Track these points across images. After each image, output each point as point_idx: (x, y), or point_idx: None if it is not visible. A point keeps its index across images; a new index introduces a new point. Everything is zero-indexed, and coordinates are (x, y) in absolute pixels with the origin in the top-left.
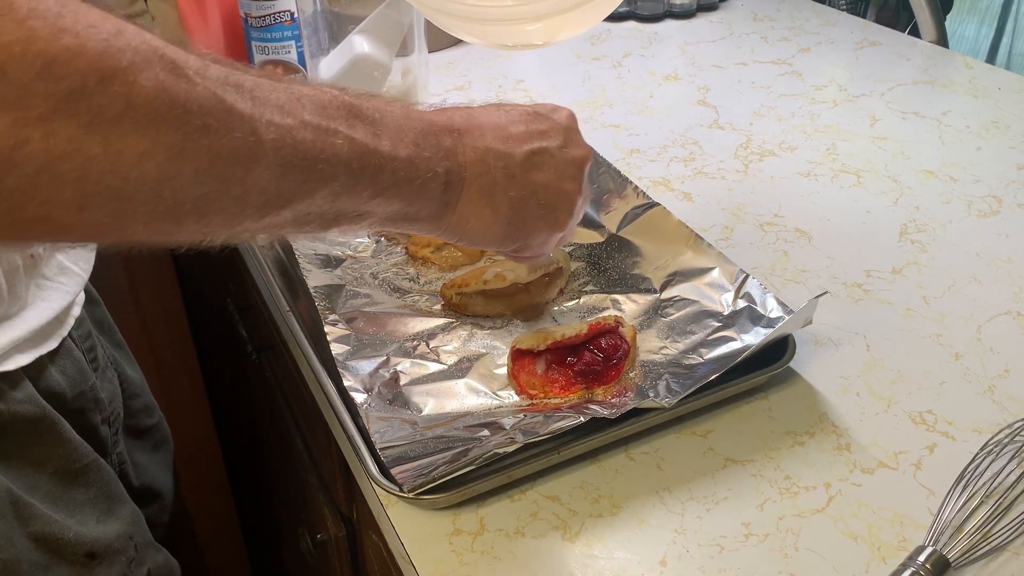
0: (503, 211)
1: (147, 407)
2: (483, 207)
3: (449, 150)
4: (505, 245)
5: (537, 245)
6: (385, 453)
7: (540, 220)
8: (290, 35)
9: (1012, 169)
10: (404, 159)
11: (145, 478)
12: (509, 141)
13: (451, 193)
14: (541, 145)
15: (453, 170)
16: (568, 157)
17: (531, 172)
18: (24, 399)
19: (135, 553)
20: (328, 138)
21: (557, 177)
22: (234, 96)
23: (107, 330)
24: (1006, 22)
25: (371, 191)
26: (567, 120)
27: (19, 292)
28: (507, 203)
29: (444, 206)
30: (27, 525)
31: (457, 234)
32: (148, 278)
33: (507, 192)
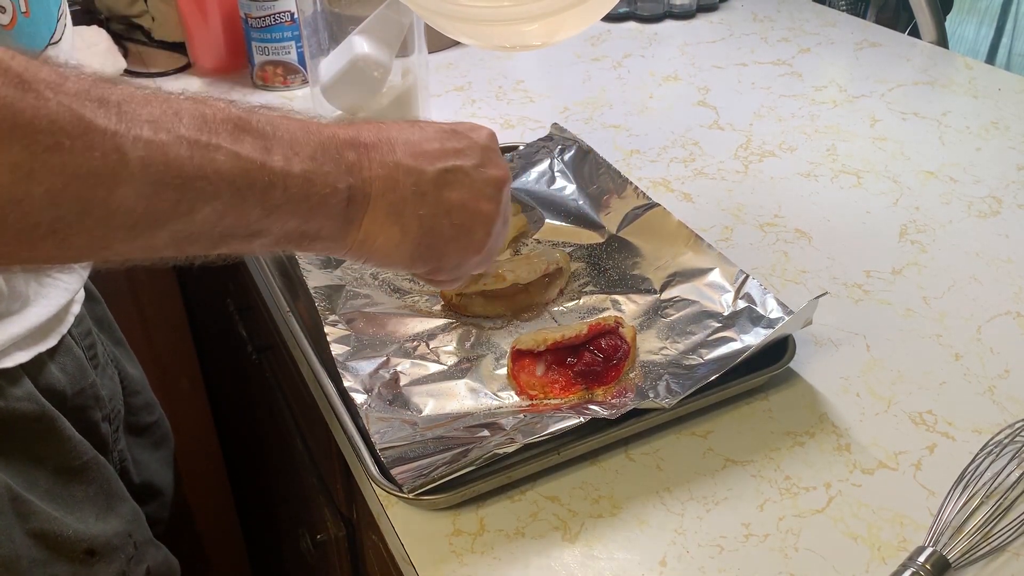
0: (412, 230)
1: (147, 404)
2: (390, 226)
3: (352, 164)
4: (416, 267)
5: (452, 268)
6: (385, 454)
7: (453, 241)
8: (290, 35)
9: (1012, 169)
10: (299, 174)
11: (145, 475)
12: (421, 158)
13: (354, 210)
14: (455, 163)
15: (356, 186)
16: (485, 177)
17: (443, 190)
18: (24, 396)
19: (134, 550)
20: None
21: (472, 196)
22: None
23: (107, 328)
24: (1006, 22)
25: (261, 209)
26: (486, 140)
27: (19, 289)
28: (417, 222)
29: (347, 224)
30: (26, 522)
31: (363, 254)
32: (148, 278)
33: (417, 210)
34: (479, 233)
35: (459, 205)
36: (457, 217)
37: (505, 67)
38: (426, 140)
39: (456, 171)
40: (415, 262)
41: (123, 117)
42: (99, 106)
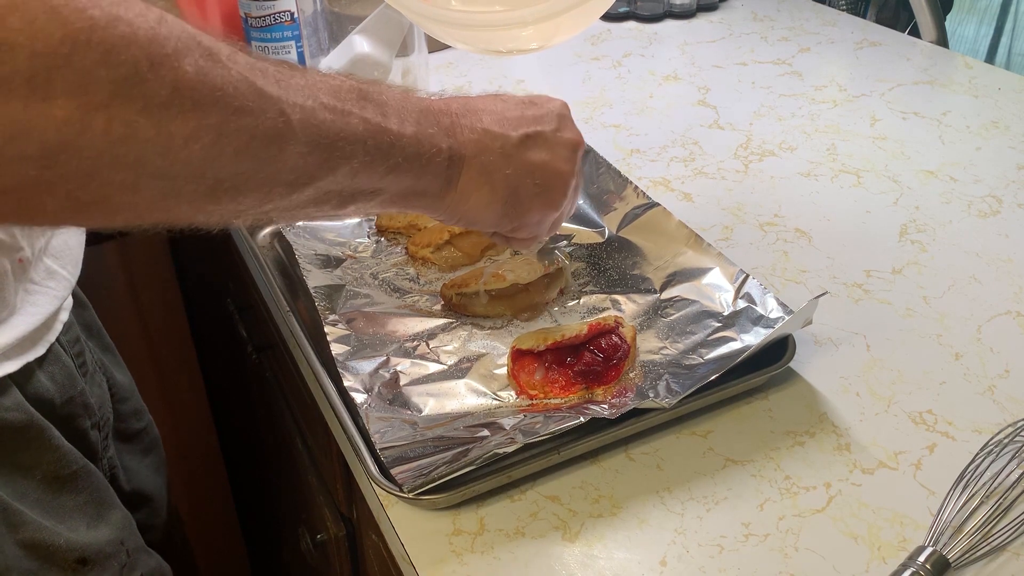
0: (500, 190)
1: (136, 411)
2: (482, 185)
3: (448, 128)
4: (503, 225)
5: (533, 225)
6: (385, 453)
7: (536, 199)
8: (290, 35)
9: (1012, 169)
10: (411, 136)
11: (136, 482)
12: (505, 124)
13: (453, 170)
14: (536, 129)
15: (454, 147)
16: (562, 140)
17: (527, 153)
18: (12, 406)
19: (127, 558)
20: (345, 118)
21: (552, 158)
22: (262, 80)
23: (96, 334)
24: (1005, 22)
25: (385, 167)
26: (560, 108)
27: (8, 298)
28: (504, 182)
29: (447, 183)
30: (16, 532)
31: (458, 212)
32: (148, 278)
33: (504, 171)
34: (558, 192)
35: (541, 165)
36: (539, 176)
37: (505, 67)
38: (508, 109)
39: (537, 136)
40: (502, 220)
41: (280, 85)
42: (263, 76)
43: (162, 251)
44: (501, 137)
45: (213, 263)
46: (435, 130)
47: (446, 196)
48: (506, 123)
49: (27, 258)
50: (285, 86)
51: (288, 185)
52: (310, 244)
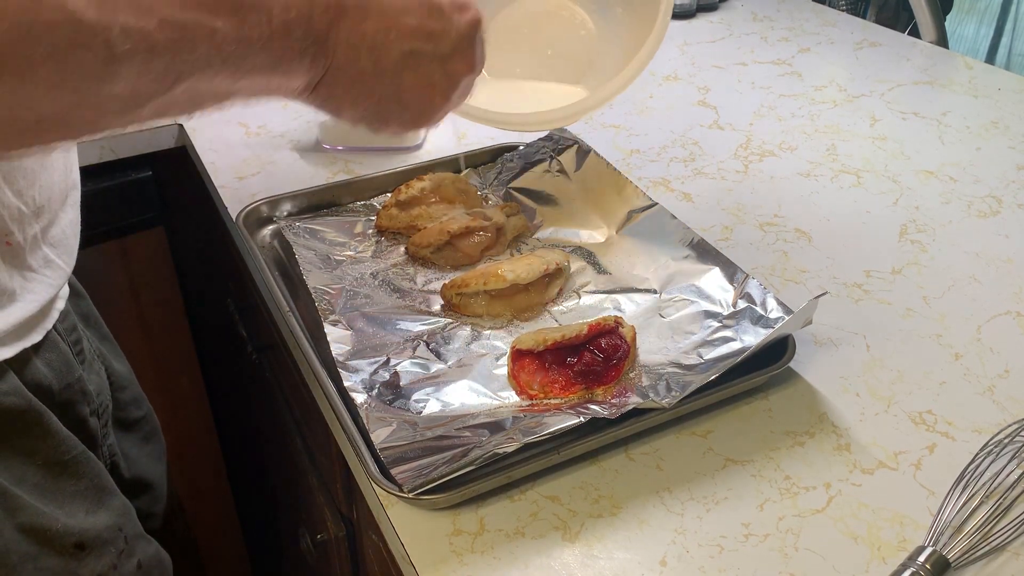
0: (362, 102)
1: (136, 399)
2: (342, 94)
3: (320, 34)
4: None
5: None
6: (385, 453)
7: (396, 117)
8: None
9: (1012, 169)
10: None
11: (136, 470)
12: (392, 32)
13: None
14: (424, 47)
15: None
16: (448, 68)
17: (402, 72)
18: (10, 391)
19: (125, 544)
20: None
21: (428, 84)
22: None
23: (93, 323)
24: (1005, 22)
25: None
26: (466, 27)
27: (3, 284)
28: (367, 96)
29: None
30: (15, 516)
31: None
32: (148, 277)
33: (371, 85)
34: (425, 114)
35: (410, 89)
36: (408, 98)
37: None
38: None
39: (421, 56)
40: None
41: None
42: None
43: (162, 251)
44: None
45: (213, 263)
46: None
47: (301, 95)
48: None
49: (17, 242)
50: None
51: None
52: (310, 244)
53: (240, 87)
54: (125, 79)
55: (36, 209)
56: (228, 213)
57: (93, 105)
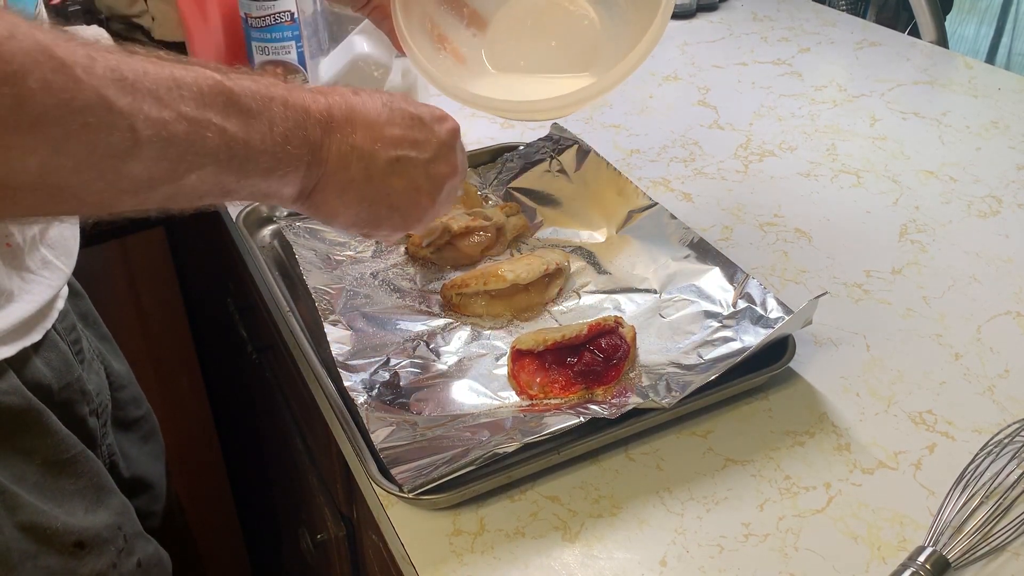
0: (353, 208)
1: (135, 399)
2: (335, 200)
3: (316, 143)
4: (351, 232)
5: (384, 236)
6: (385, 453)
7: (387, 220)
8: (290, 35)
9: (1012, 169)
10: (270, 151)
11: (135, 469)
12: (379, 142)
13: (309, 181)
14: (408, 154)
15: (315, 163)
16: (432, 172)
17: (390, 177)
18: (9, 390)
19: (124, 543)
20: (201, 131)
21: (414, 188)
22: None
23: (92, 323)
24: (1006, 22)
25: (236, 177)
26: (446, 135)
27: (3, 285)
28: (358, 201)
29: (300, 192)
30: (15, 515)
31: (308, 213)
32: (148, 278)
33: (362, 189)
34: (413, 216)
35: (401, 192)
36: (397, 201)
37: None
38: (390, 125)
39: (407, 162)
40: (350, 229)
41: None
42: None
43: (162, 251)
44: (368, 157)
45: (213, 263)
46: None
47: (296, 201)
48: (381, 142)
49: (17, 244)
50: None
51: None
52: (310, 244)
53: (241, 187)
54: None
55: None
56: (228, 213)
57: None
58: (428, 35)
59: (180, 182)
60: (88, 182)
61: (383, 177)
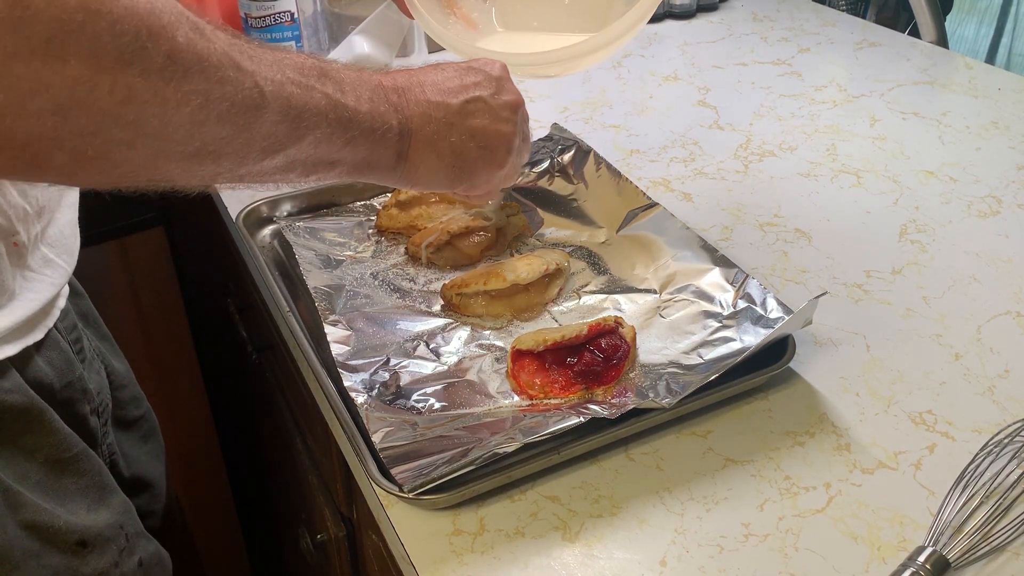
0: (447, 156)
1: (135, 398)
2: (429, 154)
3: (396, 104)
4: (454, 186)
5: (483, 184)
6: (385, 453)
7: (480, 160)
8: (290, 35)
9: (1012, 169)
10: (365, 112)
11: (135, 468)
12: (446, 94)
13: (404, 143)
14: (475, 94)
15: (403, 122)
16: (501, 102)
17: (468, 119)
18: (12, 388)
19: (126, 542)
20: (309, 93)
21: (492, 120)
22: (239, 55)
23: (92, 323)
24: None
25: (344, 139)
26: (499, 71)
27: (6, 283)
28: (449, 148)
29: (398, 156)
30: (17, 513)
31: (410, 179)
32: (148, 277)
33: (449, 138)
34: (501, 151)
35: (481, 129)
36: (482, 140)
37: None
38: (448, 79)
39: (476, 101)
40: (453, 182)
41: (254, 60)
42: (239, 52)
43: (162, 251)
44: (443, 107)
45: (213, 263)
46: (386, 107)
47: (398, 167)
48: (447, 92)
49: (23, 242)
50: (258, 61)
51: (261, 151)
52: (310, 244)
53: (346, 154)
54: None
55: (39, 209)
56: (228, 213)
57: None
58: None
59: (300, 143)
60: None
61: (462, 120)
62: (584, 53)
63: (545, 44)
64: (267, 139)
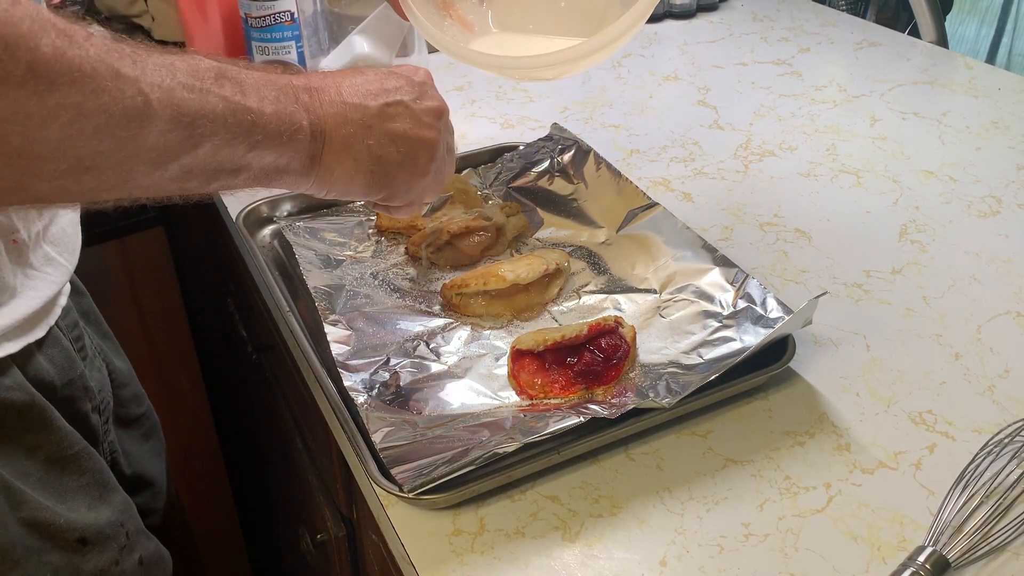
0: (364, 160)
1: (136, 396)
2: (345, 157)
3: (308, 105)
4: (372, 194)
5: (403, 193)
6: (385, 453)
7: (401, 167)
8: (290, 35)
9: (1012, 169)
10: (271, 114)
11: (136, 466)
12: (364, 96)
13: (316, 144)
14: (396, 98)
15: (315, 123)
16: (423, 107)
17: (387, 122)
18: (14, 386)
19: (126, 540)
20: (204, 97)
21: (414, 125)
22: (119, 61)
23: (93, 321)
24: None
25: (247, 144)
26: (422, 77)
27: (7, 281)
28: (366, 152)
29: (310, 159)
30: (19, 511)
31: (325, 186)
32: (148, 278)
33: (365, 141)
34: (423, 158)
35: (402, 134)
36: (402, 145)
37: None
38: (367, 82)
39: (396, 105)
40: (370, 189)
41: (138, 66)
42: (119, 57)
43: (162, 251)
44: (360, 108)
45: (213, 263)
46: (295, 107)
47: (311, 172)
48: (366, 95)
49: (23, 240)
50: (142, 66)
51: (150, 163)
52: (310, 244)
53: (253, 159)
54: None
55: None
56: (228, 213)
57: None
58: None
59: (196, 152)
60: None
61: (381, 123)
62: (580, 56)
63: (541, 47)
64: (155, 150)
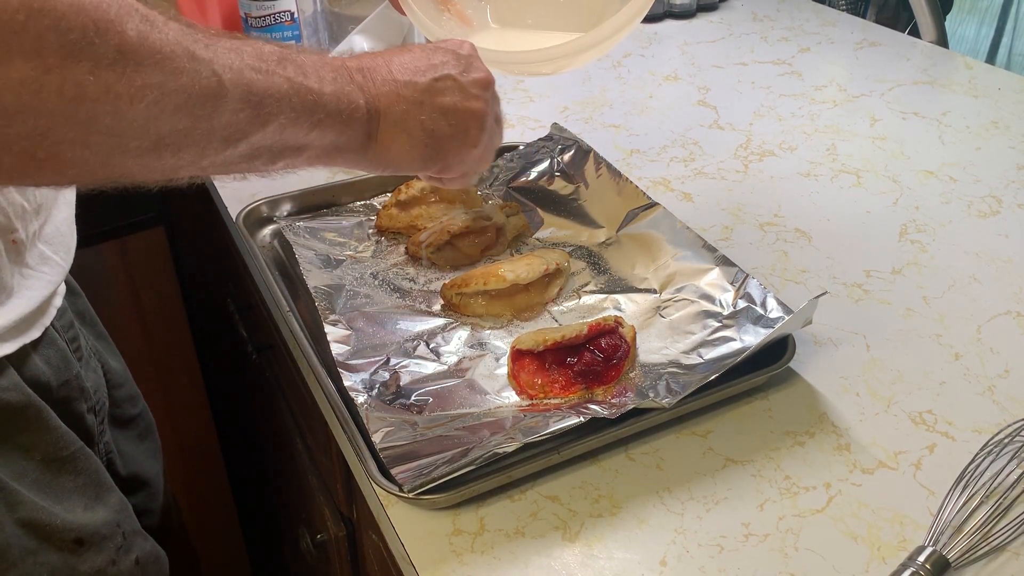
0: (418, 135)
1: (131, 397)
2: (399, 133)
3: (362, 84)
4: (427, 168)
5: (456, 164)
6: (385, 453)
7: (453, 139)
8: (290, 35)
9: (1012, 169)
10: (330, 94)
11: (132, 467)
12: (413, 72)
13: (372, 123)
14: (444, 72)
15: (370, 102)
16: (470, 79)
17: (437, 97)
18: (9, 386)
19: (123, 541)
20: (270, 78)
21: (463, 98)
22: (194, 44)
23: (89, 321)
24: (1006, 22)
25: (310, 123)
26: (467, 50)
27: (5, 281)
28: (420, 127)
29: (368, 136)
30: (15, 511)
31: (382, 162)
32: (148, 277)
33: (418, 116)
34: (473, 130)
35: (452, 107)
36: (453, 118)
37: None
38: (415, 59)
39: (445, 79)
40: (425, 163)
41: (210, 49)
42: (194, 41)
43: (162, 251)
44: (411, 85)
45: (213, 263)
46: (351, 87)
47: (368, 149)
48: (415, 72)
49: (21, 240)
50: (214, 49)
51: (223, 141)
52: (310, 244)
53: (313, 138)
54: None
55: (36, 207)
56: (228, 213)
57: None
58: None
59: (264, 130)
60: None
61: (431, 98)
62: (577, 51)
63: (539, 42)
64: (228, 128)
